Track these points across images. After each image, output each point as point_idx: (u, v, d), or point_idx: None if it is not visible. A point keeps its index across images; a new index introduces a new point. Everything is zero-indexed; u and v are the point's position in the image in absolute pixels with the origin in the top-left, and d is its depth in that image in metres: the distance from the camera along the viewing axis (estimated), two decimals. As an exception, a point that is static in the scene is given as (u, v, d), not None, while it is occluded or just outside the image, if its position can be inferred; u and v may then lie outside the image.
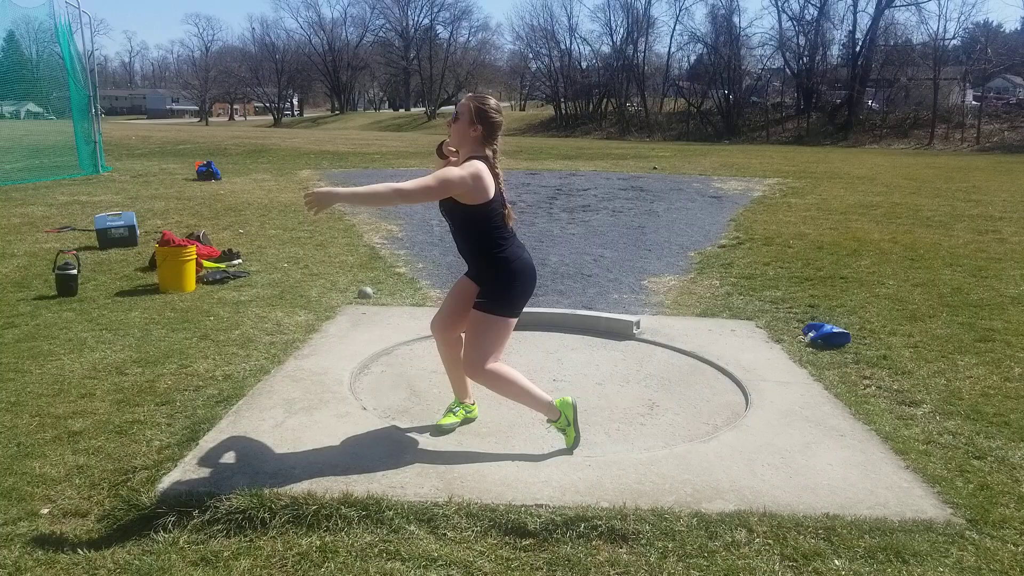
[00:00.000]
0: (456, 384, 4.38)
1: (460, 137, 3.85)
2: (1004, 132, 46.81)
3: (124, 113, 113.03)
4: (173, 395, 4.77)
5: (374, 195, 3.70)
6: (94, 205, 12.72)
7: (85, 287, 7.46)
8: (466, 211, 3.79)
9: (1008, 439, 4.37)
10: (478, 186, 3.71)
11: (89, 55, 18.67)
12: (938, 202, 15.67)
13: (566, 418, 4.05)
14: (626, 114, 66.39)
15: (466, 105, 3.83)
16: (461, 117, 3.81)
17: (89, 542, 3.19)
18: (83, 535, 3.24)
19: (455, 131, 3.85)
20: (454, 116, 3.85)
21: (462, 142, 3.86)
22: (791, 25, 62.31)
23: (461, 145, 3.88)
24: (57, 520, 3.37)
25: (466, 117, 3.80)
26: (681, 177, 20.20)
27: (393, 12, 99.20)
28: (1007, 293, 7.90)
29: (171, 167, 20.25)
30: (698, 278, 8.68)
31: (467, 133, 3.82)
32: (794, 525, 3.33)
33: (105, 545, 3.16)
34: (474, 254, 3.98)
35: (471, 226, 3.87)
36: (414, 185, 3.63)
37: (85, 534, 3.25)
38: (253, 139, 35.61)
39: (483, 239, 3.88)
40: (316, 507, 3.35)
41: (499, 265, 3.89)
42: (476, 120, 3.80)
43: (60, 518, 3.39)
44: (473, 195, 3.72)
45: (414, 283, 8.12)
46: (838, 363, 5.70)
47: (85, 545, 3.16)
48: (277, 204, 13.55)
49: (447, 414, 4.35)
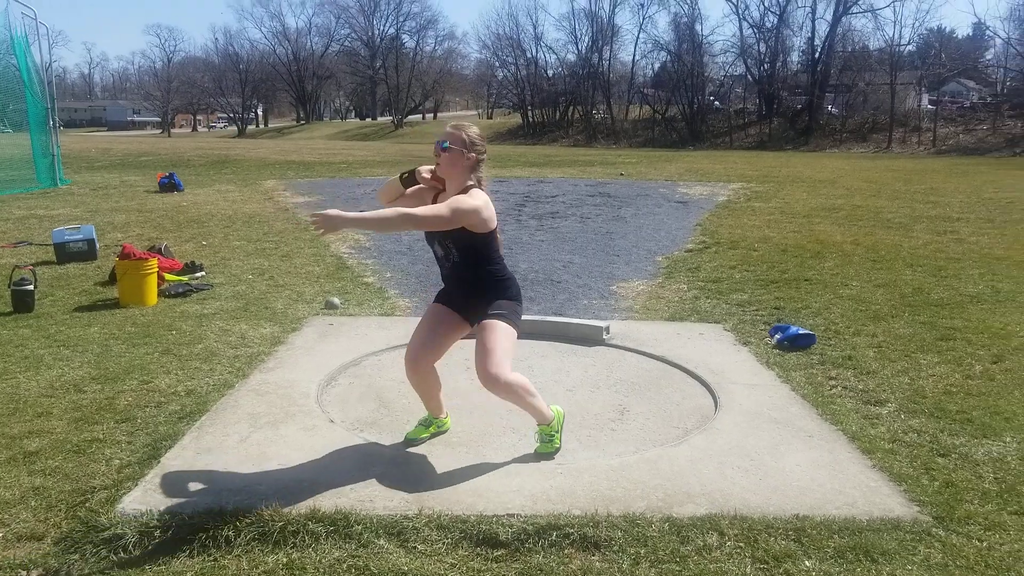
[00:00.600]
0: (432, 406, 4.31)
1: (452, 165, 3.80)
2: (959, 135, 47.64)
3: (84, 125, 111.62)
4: (134, 412, 4.67)
5: (383, 220, 3.58)
6: (52, 219, 12.51)
7: (42, 303, 7.32)
8: (474, 240, 3.79)
9: (971, 436, 4.42)
10: (488, 215, 3.74)
11: (47, 67, 18.41)
12: (898, 204, 15.87)
13: (558, 423, 4.12)
14: (592, 121, 66.75)
15: (457, 135, 3.80)
16: (453, 146, 3.77)
17: (45, 566, 3.09)
18: (39, 559, 3.13)
19: (447, 160, 3.79)
20: (442, 146, 3.78)
21: (454, 170, 3.82)
22: (752, 32, 63.05)
23: (452, 173, 3.83)
24: (11, 544, 3.26)
25: (459, 145, 3.78)
26: (647, 183, 20.28)
27: (358, 21, 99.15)
28: (966, 292, 8.00)
29: (132, 179, 20.00)
30: (666, 283, 8.70)
31: (460, 161, 3.80)
32: (764, 527, 3.32)
33: (63, 569, 3.08)
34: (480, 279, 3.94)
35: (477, 254, 3.87)
36: (426, 212, 3.60)
37: (41, 558, 3.14)
38: (217, 150, 35.30)
39: (489, 264, 3.91)
40: (282, 523, 3.29)
41: (504, 284, 3.97)
42: (470, 148, 3.80)
43: (14, 542, 3.28)
44: (484, 224, 3.74)
45: (382, 293, 8.06)
46: (804, 364, 5.74)
47: (41, 569, 3.07)
48: (241, 215, 13.42)
49: (418, 427, 4.31)
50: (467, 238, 3.77)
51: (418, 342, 4.04)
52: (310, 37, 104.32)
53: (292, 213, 13.84)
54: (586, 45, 72.52)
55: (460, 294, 4.03)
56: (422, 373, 4.09)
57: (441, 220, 3.62)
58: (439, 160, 3.81)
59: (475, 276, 3.93)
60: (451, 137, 3.80)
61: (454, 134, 3.81)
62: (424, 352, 4.02)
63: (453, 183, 3.85)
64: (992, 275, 8.87)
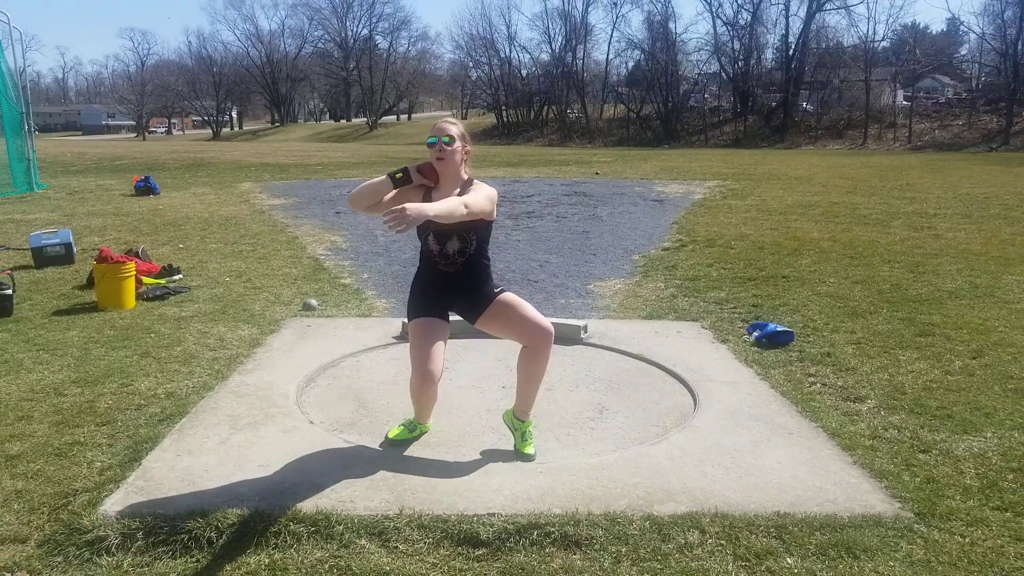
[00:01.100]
0: (426, 414, 4.27)
1: (455, 160, 3.85)
2: (935, 131, 48.12)
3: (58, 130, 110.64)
4: (114, 415, 4.64)
5: (451, 211, 3.54)
6: (29, 223, 12.39)
7: (20, 307, 7.25)
8: (488, 228, 3.95)
9: (951, 432, 4.45)
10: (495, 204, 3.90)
11: (21, 71, 18.25)
12: (874, 200, 16.00)
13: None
14: (567, 121, 66.86)
15: (457, 128, 3.89)
16: (457, 140, 3.84)
17: (29, 569, 3.08)
18: (22, 561, 3.12)
19: (451, 153, 3.82)
20: (444, 141, 3.80)
21: (455, 164, 3.86)
22: (726, 30, 63.45)
23: (453, 167, 3.86)
24: (-6, 548, 3.25)
25: (459, 139, 3.86)
26: (623, 182, 20.34)
27: (331, 23, 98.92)
28: (944, 288, 8.07)
29: (108, 183, 19.85)
30: (643, 281, 8.73)
31: (461, 155, 3.87)
32: (746, 525, 3.34)
33: (46, 571, 3.06)
34: (485, 268, 4.03)
35: (486, 243, 4.00)
36: (475, 201, 3.66)
37: (25, 560, 3.13)
38: (192, 153, 35.10)
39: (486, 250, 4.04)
40: (264, 525, 3.28)
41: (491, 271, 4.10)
42: (466, 141, 3.91)
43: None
44: (493, 213, 3.89)
45: (359, 294, 8.04)
46: (783, 361, 5.77)
47: (25, 572, 3.05)
48: (218, 218, 13.34)
49: (401, 428, 4.29)
50: (485, 228, 3.93)
51: (427, 358, 3.87)
52: (283, 39, 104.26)
53: (268, 215, 13.79)
54: (560, 44, 72.84)
55: (461, 288, 3.99)
56: (436, 385, 3.97)
57: (484, 210, 3.73)
58: (440, 155, 3.81)
59: (482, 266, 4.00)
60: (452, 131, 3.85)
61: (454, 127, 3.88)
62: (435, 367, 3.88)
63: (451, 177, 3.89)
64: (970, 270, 8.96)
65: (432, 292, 4.02)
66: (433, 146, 3.83)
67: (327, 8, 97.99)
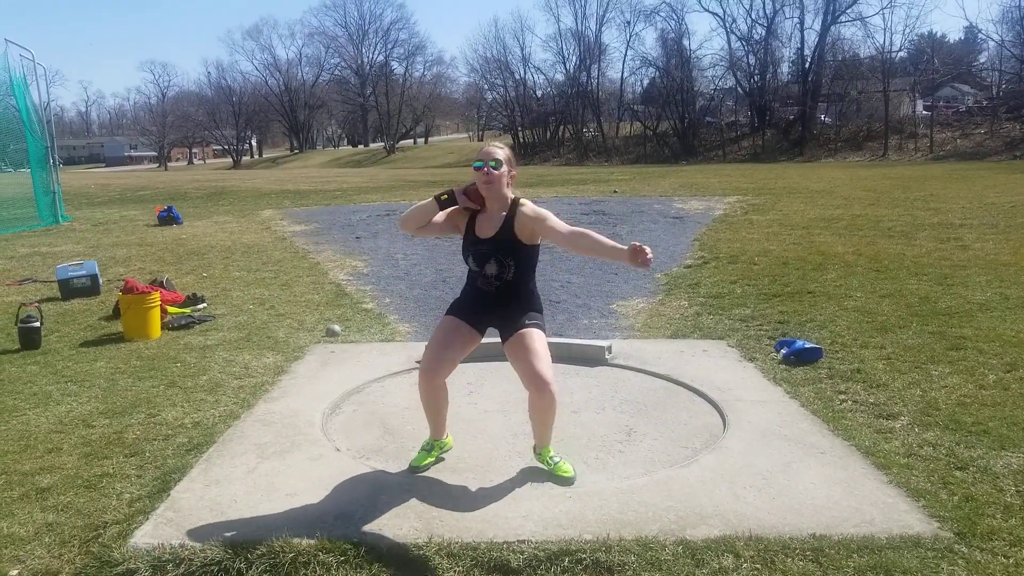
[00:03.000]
0: (437, 423, 4.25)
1: (502, 183, 3.91)
2: (956, 140, 47.83)
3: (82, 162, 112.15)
4: (142, 445, 4.64)
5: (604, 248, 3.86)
6: (55, 256, 12.52)
7: (49, 339, 7.30)
8: (531, 253, 3.98)
9: (989, 448, 4.35)
10: None
11: (45, 106, 18.55)
12: (898, 212, 15.86)
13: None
14: (583, 140, 67.04)
15: (506, 152, 3.97)
16: (504, 164, 3.90)
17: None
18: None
19: (500, 177, 3.89)
20: (491, 165, 3.87)
21: (503, 187, 3.92)
22: (740, 45, 63.57)
23: (501, 190, 3.92)
24: (26, 582, 3.24)
25: (506, 163, 3.92)
26: (642, 199, 20.28)
27: (348, 50, 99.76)
28: (974, 300, 7.96)
29: (131, 214, 20.04)
30: (666, 299, 8.67)
31: (507, 179, 3.94)
32: (781, 548, 3.28)
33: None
34: (528, 292, 4.05)
35: (530, 268, 4.03)
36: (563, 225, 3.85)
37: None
38: (213, 182, 35.35)
39: (533, 278, 4.08)
40: (293, 555, 3.26)
41: (537, 296, 4.11)
42: (513, 165, 3.99)
43: (30, 580, 3.26)
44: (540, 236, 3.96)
45: (382, 318, 8.04)
46: (812, 379, 5.69)
47: None
48: (240, 246, 13.41)
49: (421, 453, 4.26)
50: (530, 253, 3.95)
51: (435, 355, 3.99)
52: (301, 67, 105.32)
53: (290, 242, 13.83)
54: (574, 64, 73.19)
55: (498, 309, 4.02)
56: (437, 387, 4.05)
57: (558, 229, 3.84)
58: (488, 179, 3.86)
59: (525, 290, 4.02)
60: (499, 155, 3.91)
61: (501, 152, 3.95)
62: (440, 365, 3.98)
63: (498, 199, 3.93)
64: (1000, 281, 8.82)
65: (470, 303, 4.10)
66: (480, 170, 3.87)
67: (343, 36, 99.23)
